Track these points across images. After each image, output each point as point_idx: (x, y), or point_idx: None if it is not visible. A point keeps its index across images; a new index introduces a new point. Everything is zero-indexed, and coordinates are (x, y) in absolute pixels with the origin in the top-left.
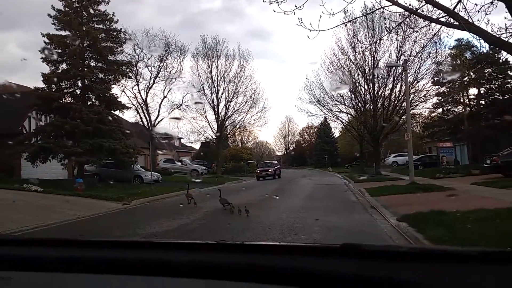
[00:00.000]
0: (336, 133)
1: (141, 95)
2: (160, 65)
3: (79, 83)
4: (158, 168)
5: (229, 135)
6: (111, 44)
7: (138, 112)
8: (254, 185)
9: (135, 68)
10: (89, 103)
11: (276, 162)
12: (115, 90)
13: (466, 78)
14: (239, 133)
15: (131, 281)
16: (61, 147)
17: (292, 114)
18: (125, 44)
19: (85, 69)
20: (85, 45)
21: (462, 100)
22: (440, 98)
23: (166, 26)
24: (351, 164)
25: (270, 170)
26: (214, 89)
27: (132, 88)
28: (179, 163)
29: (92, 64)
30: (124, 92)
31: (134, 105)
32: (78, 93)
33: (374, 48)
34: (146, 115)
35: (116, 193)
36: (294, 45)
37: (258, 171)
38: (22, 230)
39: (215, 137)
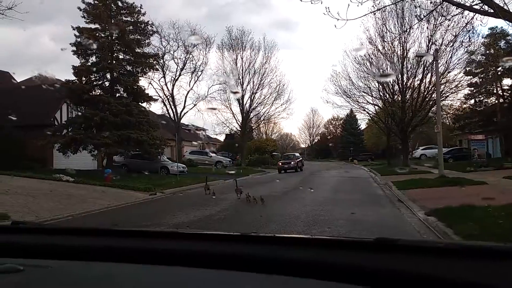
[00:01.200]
0: (362, 125)
1: (167, 87)
2: (186, 57)
3: (108, 76)
4: (184, 160)
5: (253, 127)
6: (138, 37)
7: (164, 104)
8: (277, 177)
9: (161, 61)
10: (117, 95)
11: (298, 154)
12: (143, 82)
13: (500, 68)
14: (263, 125)
15: (163, 270)
16: (91, 138)
17: (317, 106)
18: (152, 37)
19: (114, 62)
20: (113, 37)
21: (495, 91)
22: (472, 89)
23: (192, 17)
24: (356, 158)
25: (292, 163)
26: (239, 80)
27: (159, 81)
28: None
29: (121, 56)
30: (151, 84)
31: (160, 97)
32: (107, 85)
33: (403, 38)
34: (172, 107)
35: (143, 184)
36: (320, 35)
37: (280, 164)
38: (54, 219)
39: (239, 129)
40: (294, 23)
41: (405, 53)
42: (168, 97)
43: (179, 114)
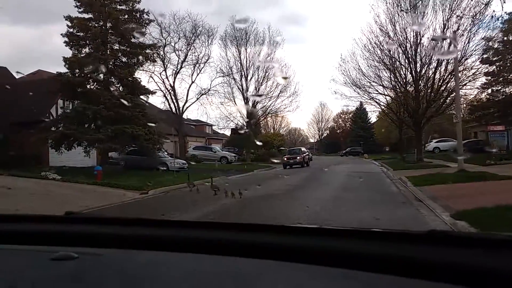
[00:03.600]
0: (373, 118)
1: (168, 80)
2: (188, 48)
3: (102, 68)
4: (187, 155)
5: (259, 121)
6: (133, 26)
7: (166, 98)
8: (282, 173)
9: (162, 52)
10: (112, 88)
11: (305, 149)
12: (143, 75)
13: None
14: (271, 119)
15: (206, 259)
16: (84, 133)
17: (326, 100)
18: (150, 26)
19: (108, 53)
20: (107, 27)
21: None
22: (489, 77)
23: (196, 11)
24: (346, 152)
25: (298, 158)
26: (243, 73)
27: (160, 74)
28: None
29: (115, 47)
30: (152, 77)
31: (162, 91)
32: (101, 77)
33: (417, 21)
34: (174, 100)
35: (136, 182)
36: (330, 29)
37: (285, 159)
38: None
39: (245, 124)
40: (303, 17)
41: (418, 40)
42: (170, 90)
43: (181, 108)
